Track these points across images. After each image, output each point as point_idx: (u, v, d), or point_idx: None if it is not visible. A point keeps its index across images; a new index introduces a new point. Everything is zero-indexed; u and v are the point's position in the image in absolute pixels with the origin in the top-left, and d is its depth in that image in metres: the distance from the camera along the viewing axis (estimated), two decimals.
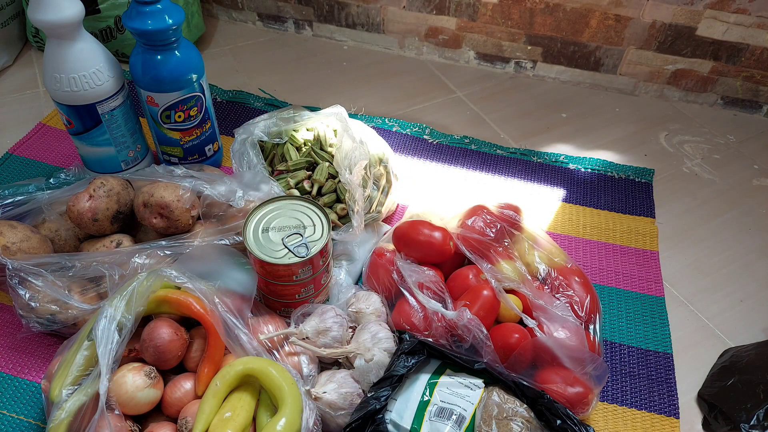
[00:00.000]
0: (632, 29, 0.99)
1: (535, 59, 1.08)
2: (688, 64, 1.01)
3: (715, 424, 0.62)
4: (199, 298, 0.56)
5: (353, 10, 1.11)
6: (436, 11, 1.07)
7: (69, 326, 0.61)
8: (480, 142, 0.95)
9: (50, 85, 0.70)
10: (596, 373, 0.58)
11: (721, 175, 0.92)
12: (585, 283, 0.65)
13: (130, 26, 0.69)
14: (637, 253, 0.80)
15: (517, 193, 0.87)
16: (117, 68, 0.73)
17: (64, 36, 0.67)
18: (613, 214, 0.85)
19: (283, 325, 0.62)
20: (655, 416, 0.63)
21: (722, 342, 0.71)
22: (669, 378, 0.67)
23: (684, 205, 0.88)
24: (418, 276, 0.63)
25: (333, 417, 0.56)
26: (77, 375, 0.54)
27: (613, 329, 0.71)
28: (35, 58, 1.07)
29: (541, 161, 0.92)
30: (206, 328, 0.56)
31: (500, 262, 0.65)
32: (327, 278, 0.66)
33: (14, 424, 0.60)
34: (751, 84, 1.01)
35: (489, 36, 1.07)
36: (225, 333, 0.56)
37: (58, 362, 0.56)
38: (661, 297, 0.74)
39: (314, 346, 0.59)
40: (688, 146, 0.98)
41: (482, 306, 0.60)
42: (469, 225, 0.67)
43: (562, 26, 1.02)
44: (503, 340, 0.59)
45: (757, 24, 0.94)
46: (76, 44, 0.68)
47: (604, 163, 0.92)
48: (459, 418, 0.55)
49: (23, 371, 0.63)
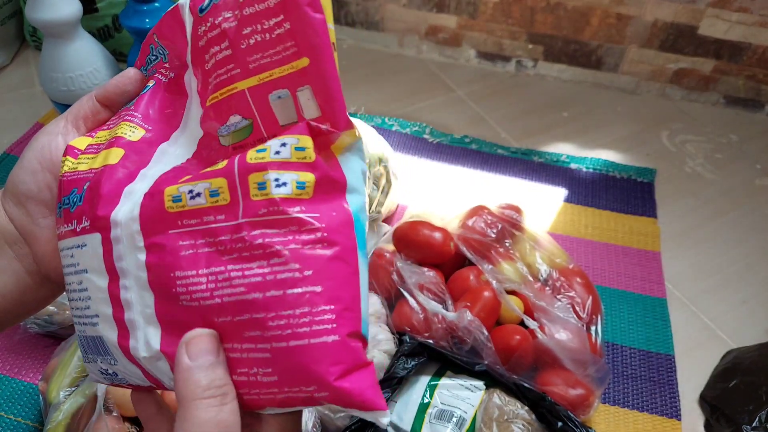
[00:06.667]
0: (634, 28, 0.99)
1: (536, 58, 1.08)
2: (690, 63, 1.01)
3: (717, 426, 0.62)
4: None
5: (352, 8, 1.11)
6: (436, 9, 1.06)
7: (66, 327, 0.61)
8: (480, 142, 0.94)
9: (47, 84, 0.69)
10: (598, 375, 0.58)
11: (723, 175, 0.92)
12: (587, 284, 0.65)
13: (128, 25, 0.69)
14: (638, 253, 0.79)
15: (518, 193, 0.87)
16: (115, 67, 0.72)
17: (62, 35, 0.66)
18: (614, 215, 0.85)
19: None
20: (657, 418, 0.63)
21: (725, 343, 0.70)
22: (671, 380, 0.66)
23: (686, 205, 0.87)
24: (419, 277, 0.63)
25: (332, 419, 0.56)
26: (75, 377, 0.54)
27: (614, 331, 0.71)
28: (32, 57, 1.06)
29: (543, 161, 0.92)
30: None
31: (501, 263, 0.64)
32: None
33: (12, 425, 0.59)
34: (753, 83, 1.00)
35: (489, 34, 1.07)
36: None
37: (55, 364, 0.56)
38: (663, 298, 0.74)
39: None
40: (690, 146, 0.97)
41: (483, 307, 0.60)
42: (470, 225, 0.67)
43: (563, 25, 1.02)
44: (504, 341, 0.59)
45: (760, 23, 0.93)
46: (74, 43, 0.67)
47: (606, 163, 0.92)
48: (459, 420, 0.54)
49: (20, 372, 0.63)
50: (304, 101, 0.22)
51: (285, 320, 0.21)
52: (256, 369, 0.22)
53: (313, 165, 0.22)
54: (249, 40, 0.23)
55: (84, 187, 0.26)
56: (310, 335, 0.21)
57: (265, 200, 0.21)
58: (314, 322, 0.21)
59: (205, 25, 0.25)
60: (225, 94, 0.24)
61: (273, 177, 0.21)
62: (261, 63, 0.23)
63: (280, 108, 0.23)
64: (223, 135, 0.24)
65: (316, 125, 0.22)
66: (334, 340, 0.21)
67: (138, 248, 0.24)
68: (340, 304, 0.21)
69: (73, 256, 0.26)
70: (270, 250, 0.21)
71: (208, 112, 0.25)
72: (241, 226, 0.22)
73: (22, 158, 0.28)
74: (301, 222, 0.21)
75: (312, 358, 0.21)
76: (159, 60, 0.29)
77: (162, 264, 0.23)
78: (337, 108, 0.22)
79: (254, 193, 0.22)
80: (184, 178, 0.24)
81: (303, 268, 0.21)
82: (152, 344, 0.23)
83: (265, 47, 0.23)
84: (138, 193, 0.25)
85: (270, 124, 0.23)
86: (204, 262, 0.22)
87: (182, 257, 0.23)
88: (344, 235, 0.22)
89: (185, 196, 0.23)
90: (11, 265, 0.28)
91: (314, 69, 0.22)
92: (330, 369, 0.21)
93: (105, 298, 0.25)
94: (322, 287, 0.21)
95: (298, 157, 0.22)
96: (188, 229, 0.23)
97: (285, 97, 0.23)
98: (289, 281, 0.21)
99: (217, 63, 0.24)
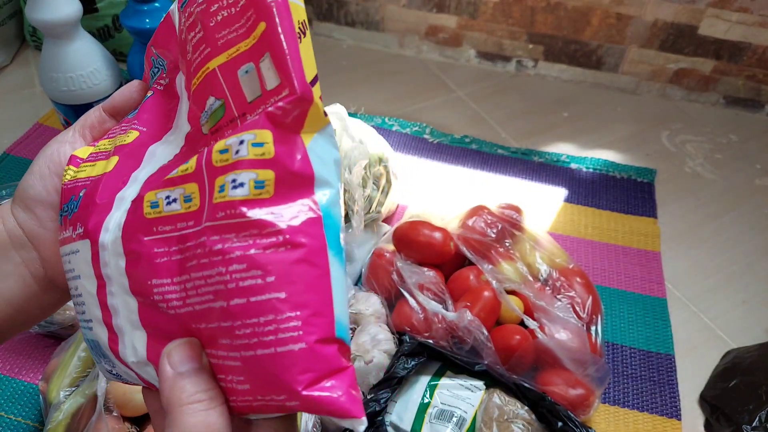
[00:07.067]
0: (634, 28, 0.99)
1: (536, 58, 1.08)
2: (690, 63, 1.01)
3: (717, 426, 0.62)
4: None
5: (352, 8, 1.11)
6: (436, 9, 1.06)
7: (66, 327, 0.61)
8: (481, 142, 0.94)
9: (47, 84, 0.69)
10: (598, 375, 0.58)
11: (723, 175, 0.92)
12: (587, 284, 0.65)
13: (128, 25, 0.69)
14: (638, 253, 0.79)
15: (519, 193, 0.87)
16: (115, 67, 0.72)
17: (62, 35, 0.66)
18: (614, 215, 0.85)
19: None
20: (657, 418, 0.63)
21: (725, 343, 0.70)
22: (671, 379, 0.66)
23: (686, 205, 0.87)
24: (419, 277, 0.63)
25: (332, 419, 0.56)
26: (75, 376, 0.54)
27: (614, 330, 0.71)
28: (32, 57, 1.06)
29: (543, 161, 0.92)
30: None
31: (501, 262, 0.64)
32: None
33: (12, 425, 0.59)
34: (753, 83, 1.00)
35: (490, 34, 1.07)
36: None
37: (55, 364, 0.56)
38: (663, 298, 0.74)
39: None
40: (690, 146, 0.97)
41: (483, 307, 0.60)
42: (470, 225, 0.67)
43: (563, 25, 1.02)
44: (504, 341, 0.59)
45: (759, 23, 0.93)
46: (74, 43, 0.67)
47: (606, 163, 0.92)
48: (459, 420, 0.54)
49: (21, 372, 0.63)
50: (266, 71, 0.21)
51: (251, 329, 0.20)
52: (231, 376, 0.21)
53: (273, 161, 0.20)
54: (216, 17, 0.22)
55: (80, 195, 0.26)
56: (276, 344, 0.20)
57: (223, 203, 0.20)
58: (279, 330, 0.20)
59: (184, 16, 0.25)
60: (200, 78, 0.23)
61: (230, 179, 0.20)
62: (228, 38, 0.22)
63: (248, 83, 0.22)
64: (203, 123, 0.24)
65: (274, 110, 0.21)
66: (301, 348, 0.20)
67: (119, 254, 0.23)
68: (307, 309, 0.20)
69: (70, 261, 0.26)
70: (229, 256, 0.20)
71: (191, 102, 0.25)
72: (202, 232, 0.21)
73: (32, 165, 0.30)
74: (261, 224, 0.20)
75: (280, 367, 0.20)
76: (160, 72, 0.29)
77: (139, 271, 0.23)
78: (295, 72, 0.20)
79: (215, 197, 0.21)
80: (163, 180, 0.23)
81: (265, 274, 0.20)
82: (139, 350, 0.23)
83: (231, 22, 0.22)
84: (127, 200, 0.25)
85: (239, 102, 0.22)
86: (177, 270, 0.22)
87: (157, 264, 0.22)
88: (310, 235, 0.21)
89: (162, 202, 0.22)
90: (18, 270, 0.29)
91: (270, 33, 0.21)
92: (298, 378, 0.20)
93: (95, 303, 0.25)
94: (286, 293, 0.20)
95: (255, 154, 0.20)
96: (163, 236, 0.22)
97: (251, 71, 0.21)
98: (252, 288, 0.20)
99: (193, 48, 0.24)
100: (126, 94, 0.31)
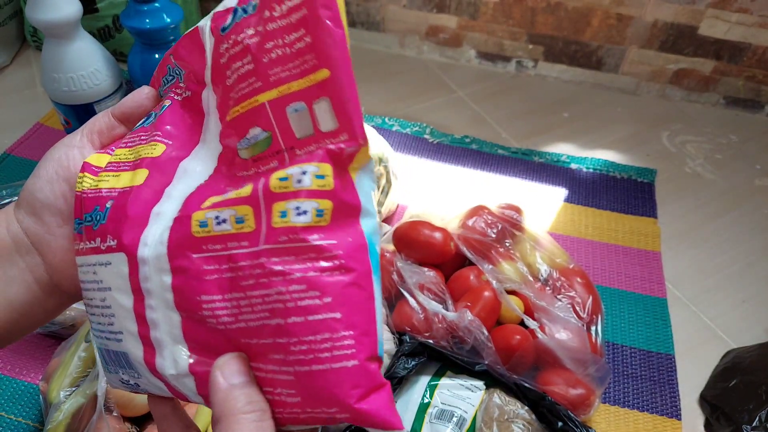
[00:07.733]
0: (634, 28, 0.99)
1: (536, 58, 1.08)
2: (690, 63, 1.01)
3: (717, 426, 0.62)
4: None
5: (353, 8, 1.11)
6: (437, 10, 1.06)
7: (67, 327, 0.61)
8: (481, 142, 0.94)
9: (48, 84, 0.69)
10: (598, 375, 0.58)
11: (723, 176, 0.92)
12: (587, 284, 0.65)
13: (128, 25, 0.69)
14: (639, 253, 0.79)
15: (519, 193, 0.87)
16: (115, 68, 0.72)
17: (62, 35, 0.66)
18: (615, 215, 0.85)
19: None
20: (657, 418, 0.63)
21: (725, 343, 0.70)
22: (671, 379, 0.66)
23: (686, 206, 0.87)
24: (419, 277, 0.63)
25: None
26: (75, 377, 0.54)
27: (615, 330, 0.71)
28: (33, 57, 1.07)
29: (543, 161, 0.92)
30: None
31: (501, 262, 0.64)
32: None
33: (12, 425, 0.59)
34: (753, 84, 1.00)
35: (490, 35, 1.07)
36: None
37: (56, 364, 0.56)
38: (663, 298, 0.74)
39: None
40: (690, 146, 0.97)
41: (483, 307, 0.60)
42: (470, 225, 0.67)
43: (563, 25, 1.02)
44: (504, 341, 0.59)
45: (759, 23, 0.93)
46: (74, 44, 0.67)
47: (606, 163, 0.92)
48: (460, 420, 0.54)
49: (21, 372, 0.63)
50: (321, 114, 0.23)
51: (307, 345, 0.22)
52: (280, 389, 0.23)
53: (332, 192, 0.22)
54: (271, 54, 0.24)
55: (107, 206, 0.27)
56: (331, 360, 0.22)
57: (285, 227, 0.22)
58: (335, 347, 0.22)
59: (227, 42, 0.25)
60: (246, 108, 0.25)
61: (294, 206, 0.22)
62: (281, 76, 0.23)
63: (297, 121, 0.23)
64: (242, 148, 0.25)
65: (335, 148, 0.23)
66: (354, 365, 0.22)
67: (164, 270, 0.24)
68: (358, 329, 0.22)
69: (96, 273, 0.27)
70: (290, 277, 0.22)
71: (228, 126, 0.26)
72: (260, 253, 0.22)
73: (38, 169, 0.29)
74: (320, 249, 0.22)
75: (333, 382, 0.22)
76: (175, 80, 0.29)
77: (187, 287, 0.24)
78: (356, 120, 0.22)
79: (275, 221, 0.22)
80: (209, 201, 0.24)
81: (322, 295, 0.22)
82: (180, 363, 0.24)
83: (286, 61, 0.23)
84: (166, 215, 0.25)
85: (288, 136, 0.24)
86: (228, 287, 0.23)
87: (207, 281, 0.23)
88: (359, 261, 0.23)
89: (212, 221, 0.24)
90: (22, 275, 0.28)
91: (334, 81, 0.22)
92: (350, 392, 0.22)
93: (130, 317, 0.25)
94: (341, 313, 0.22)
95: (318, 185, 0.22)
96: (213, 254, 0.23)
97: (301, 110, 0.23)
98: (310, 308, 0.22)
99: (239, 78, 0.25)
100: (137, 101, 0.30)
